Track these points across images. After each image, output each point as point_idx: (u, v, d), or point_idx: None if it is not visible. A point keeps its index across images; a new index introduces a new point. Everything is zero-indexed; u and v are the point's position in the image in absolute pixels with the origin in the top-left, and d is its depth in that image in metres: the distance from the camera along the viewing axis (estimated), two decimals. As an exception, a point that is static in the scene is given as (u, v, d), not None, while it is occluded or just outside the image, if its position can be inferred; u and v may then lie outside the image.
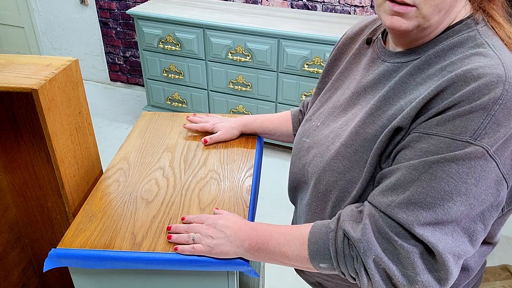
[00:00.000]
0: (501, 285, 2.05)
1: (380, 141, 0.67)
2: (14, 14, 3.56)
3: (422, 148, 0.60)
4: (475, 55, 0.62)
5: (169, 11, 2.56)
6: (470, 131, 0.57)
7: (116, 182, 0.98)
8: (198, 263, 0.79)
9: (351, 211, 0.67)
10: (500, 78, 0.58)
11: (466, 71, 0.60)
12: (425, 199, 0.59)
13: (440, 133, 0.59)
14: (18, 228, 1.21)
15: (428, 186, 0.59)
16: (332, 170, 0.72)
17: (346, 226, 0.65)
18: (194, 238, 0.79)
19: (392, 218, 0.61)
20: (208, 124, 1.12)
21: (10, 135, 1.07)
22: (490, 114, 0.57)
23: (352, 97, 0.76)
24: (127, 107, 3.33)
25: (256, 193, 0.98)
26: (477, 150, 0.57)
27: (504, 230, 2.28)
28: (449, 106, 0.59)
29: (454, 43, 0.65)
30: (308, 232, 0.70)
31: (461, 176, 0.58)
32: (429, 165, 0.59)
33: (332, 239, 0.66)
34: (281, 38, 2.31)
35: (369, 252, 0.61)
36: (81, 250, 0.80)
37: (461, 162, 0.57)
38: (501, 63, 0.60)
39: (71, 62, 0.92)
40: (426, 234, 0.59)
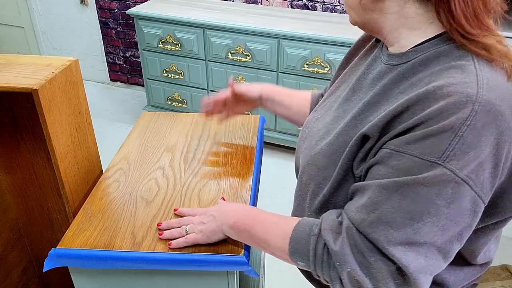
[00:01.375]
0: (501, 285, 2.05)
1: (350, 146, 0.68)
2: (14, 14, 3.56)
3: (393, 165, 0.60)
4: (453, 68, 0.60)
5: (169, 11, 2.56)
6: (438, 152, 0.56)
7: (116, 182, 0.98)
8: (198, 263, 0.79)
9: (332, 220, 0.67)
10: (470, 98, 0.55)
11: (437, 87, 0.58)
12: (395, 219, 0.59)
13: (410, 151, 0.58)
14: (18, 228, 1.21)
15: (398, 206, 0.59)
16: (314, 164, 0.74)
17: (327, 237, 0.65)
18: (188, 230, 0.81)
19: (365, 236, 0.61)
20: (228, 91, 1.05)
21: (10, 135, 1.07)
22: (458, 136, 0.55)
23: (349, 93, 0.77)
24: (127, 107, 3.33)
25: (256, 193, 0.99)
26: (445, 172, 0.56)
27: (504, 230, 2.27)
28: (418, 123, 0.58)
29: (441, 51, 0.63)
30: (292, 228, 0.71)
31: (430, 198, 0.57)
32: (399, 185, 0.59)
33: (313, 243, 0.67)
34: (281, 38, 2.31)
35: (344, 265, 0.62)
36: (81, 250, 0.80)
37: (430, 184, 0.57)
38: (477, 81, 0.57)
39: (71, 62, 0.92)
40: (397, 254, 0.59)
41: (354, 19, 0.70)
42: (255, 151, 1.09)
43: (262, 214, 0.78)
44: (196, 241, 0.80)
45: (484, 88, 0.56)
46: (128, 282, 0.86)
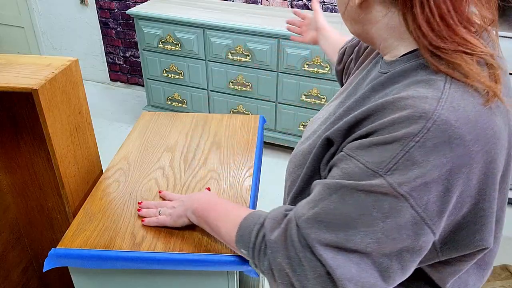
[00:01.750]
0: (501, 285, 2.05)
1: (316, 149, 0.67)
2: (14, 14, 3.56)
3: (342, 168, 0.59)
4: (423, 82, 0.57)
5: (169, 11, 2.56)
6: (382, 163, 0.54)
7: (116, 182, 0.98)
8: (198, 263, 0.79)
9: (278, 211, 0.68)
10: (425, 113, 0.52)
11: (397, 98, 0.56)
12: (330, 221, 0.58)
13: (358, 157, 0.57)
14: (18, 228, 1.21)
15: (335, 208, 0.58)
16: (293, 162, 0.75)
17: (267, 225, 0.66)
18: (160, 212, 0.87)
19: (300, 230, 0.60)
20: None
21: (10, 135, 1.07)
22: (404, 150, 0.53)
23: (345, 97, 0.76)
24: (127, 107, 3.33)
25: (256, 193, 0.98)
26: (383, 184, 0.54)
27: (504, 230, 2.27)
28: (372, 132, 0.57)
29: (420, 63, 0.59)
30: (243, 218, 0.71)
31: (367, 207, 0.55)
32: (340, 187, 0.58)
33: (255, 231, 0.67)
34: (281, 38, 2.31)
35: (276, 255, 0.62)
36: (81, 250, 0.80)
37: (369, 193, 0.55)
38: (439, 98, 0.54)
39: (71, 62, 0.92)
40: (326, 255, 0.57)
41: (350, 30, 0.70)
42: (255, 151, 1.09)
43: (222, 203, 0.81)
44: (164, 223, 0.86)
45: (445, 107, 0.53)
46: (128, 282, 0.86)
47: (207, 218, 0.79)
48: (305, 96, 2.42)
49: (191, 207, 0.82)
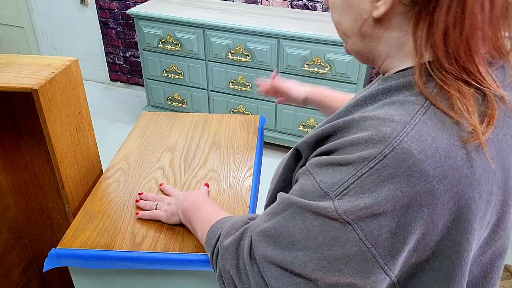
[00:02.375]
0: (501, 285, 2.05)
1: (287, 159, 0.64)
2: (14, 14, 3.56)
3: (300, 183, 0.56)
4: (397, 103, 0.51)
5: (169, 11, 2.56)
6: (334, 185, 0.50)
7: (116, 182, 0.98)
8: (198, 263, 0.79)
9: (241, 218, 0.66)
10: (384, 138, 0.47)
11: (362, 117, 0.52)
12: (279, 238, 0.54)
13: (315, 175, 0.53)
14: (18, 228, 1.21)
15: (285, 225, 0.54)
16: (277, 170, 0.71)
17: (223, 230, 0.65)
18: (157, 206, 0.89)
19: (251, 241, 0.58)
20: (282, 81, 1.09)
21: (10, 135, 1.07)
22: (357, 175, 0.48)
23: None
24: (127, 107, 3.33)
25: (256, 193, 0.98)
26: (330, 207, 0.49)
27: (504, 230, 2.28)
28: (332, 150, 0.53)
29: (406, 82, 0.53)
30: (216, 221, 0.72)
31: (313, 230, 0.51)
32: (292, 204, 0.54)
33: (217, 236, 0.67)
34: (281, 38, 2.31)
35: (225, 262, 0.61)
36: (81, 250, 0.80)
37: (316, 215, 0.51)
38: (408, 123, 0.48)
39: (71, 62, 0.92)
40: (270, 274, 0.55)
41: (350, 47, 0.62)
42: (255, 151, 1.09)
43: (206, 204, 0.80)
44: (158, 217, 0.87)
45: (410, 135, 0.47)
46: (128, 282, 0.86)
47: (190, 218, 0.80)
48: (305, 96, 2.42)
49: (181, 206, 0.83)
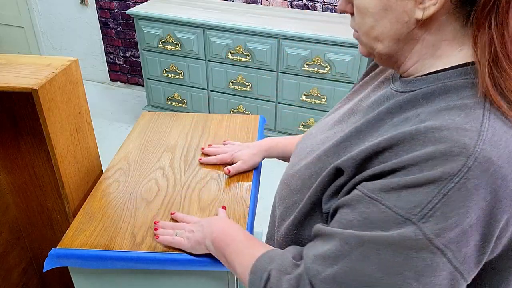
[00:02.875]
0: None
1: (322, 177, 0.60)
2: (14, 14, 3.56)
3: (361, 212, 0.51)
4: (457, 109, 0.49)
5: (169, 11, 2.56)
6: (414, 208, 0.46)
7: (116, 182, 0.98)
8: (198, 263, 0.79)
9: (284, 261, 0.60)
10: (465, 149, 0.45)
11: (429, 128, 0.48)
12: (350, 282, 0.49)
13: (383, 200, 0.49)
14: (18, 228, 1.21)
15: (356, 267, 0.49)
16: (288, 185, 0.68)
17: (273, 278, 0.58)
18: (177, 234, 0.82)
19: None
20: (227, 155, 1.04)
21: (10, 135, 1.07)
22: (442, 193, 0.45)
23: (346, 113, 0.69)
24: (127, 107, 3.33)
25: (256, 193, 0.98)
26: (417, 235, 0.46)
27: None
28: (398, 168, 0.49)
29: (451, 86, 0.52)
30: (256, 258, 0.64)
31: (396, 266, 0.47)
32: (362, 242, 0.49)
33: (264, 281, 0.60)
34: (281, 38, 2.31)
35: None
36: (81, 250, 0.80)
37: (398, 248, 0.47)
38: (480, 129, 0.46)
39: (71, 62, 0.92)
40: None
41: (381, 51, 0.58)
42: (255, 151, 1.09)
43: (240, 235, 0.73)
44: (180, 245, 0.81)
45: (487, 141, 0.45)
46: (128, 282, 0.86)
47: (224, 251, 0.72)
48: (305, 96, 2.42)
49: (210, 236, 0.76)
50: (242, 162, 1.01)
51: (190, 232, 0.81)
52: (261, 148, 1.03)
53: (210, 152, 1.07)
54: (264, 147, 1.03)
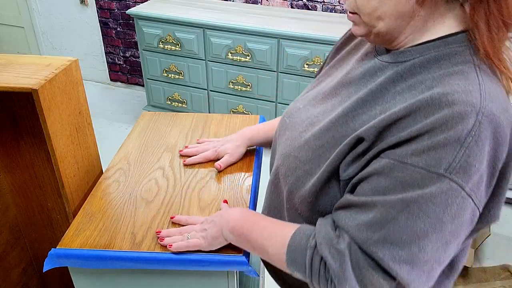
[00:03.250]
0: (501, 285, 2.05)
1: (342, 147, 0.65)
2: (14, 14, 3.56)
3: (397, 177, 0.58)
4: (456, 74, 0.59)
5: (169, 11, 2.56)
6: (444, 164, 0.55)
7: (116, 182, 0.98)
8: (198, 263, 0.79)
9: (327, 234, 0.64)
10: (474, 107, 0.54)
11: (441, 94, 0.56)
12: (401, 238, 0.57)
13: (415, 163, 0.56)
14: (18, 228, 1.21)
15: (404, 225, 0.57)
16: (295, 157, 0.72)
17: (324, 253, 0.62)
18: (189, 237, 0.80)
19: (369, 254, 0.59)
20: (210, 152, 1.04)
21: (10, 135, 1.07)
22: (464, 147, 0.54)
23: (336, 86, 0.75)
24: (127, 107, 3.33)
25: (256, 193, 0.98)
26: (452, 186, 0.55)
27: (504, 230, 2.28)
28: (422, 133, 0.56)
29: (442, 55, 0.61)
30: (290, 237, 0.68)
31: (437, 214, 0.56)
32: (406, 203, 0.56)
33: (309, 257, 0.64)
34: (281, 38, 2.31)
35: (344, 283, 0.60)
36: (81, 250, 0.80)
37: (438, 200, 0.55)
38: (479, 89, 0.56)
39: (71, 62, 0.92)
40: (402, 273, 0.57)
41: (380, 29, 0.64)
42: (255, 151, 1.09)
43: (260, 219, 0.76)
44: (198, 247, 0.79)
45: (487, 99, 0.55)
46: (128, 282, 0.86)
47: (250, 237, 0.74)
48: (305, 96, 2.42)
49: (226, 226, 0.77)
50: (229, 156, 1.02)
51: (203, 231, 0.80)
52: (243, 138, 1.04)
53: (191, 153, 1.06)
54: (247, 136, 1.04)
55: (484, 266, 2.07)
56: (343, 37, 0.87)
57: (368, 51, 0.73)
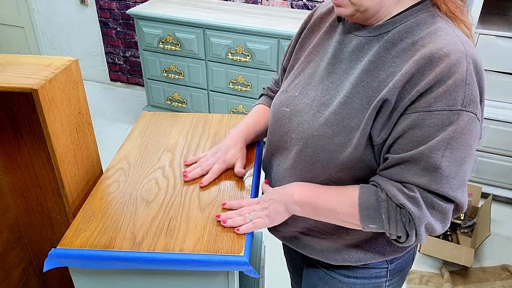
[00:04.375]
0: (501, 285, 2.05)
1: (370, 112, 0.75)
2: (14, 14, 3.56)
3: (429, 123, 0.71)
4: (438, 31, 0.74)
5: (169, 11, 2.56)
6: (459, 101, 0.70)
7: (116, 182, 0.98)
8: (198, 263, 0.79)
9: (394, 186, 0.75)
10: (463, 53, 0.70)
11: (435, 49, 0.71)
12: (452, 170, 0.71)
13: (439, 108, 0.70)
14: (18, 228, 1.21)
15: (450, 159, 0.71)
16: (320, 135, 0.81)
17: (401, 200, 0.74)
18: (252, 218, 0.85)
19: (434, 192, 0.73)
20: (220, 164, 0.99)
21: (10, 135, 1.07)
22: (467, 84, 0.69)
23: (328, 67, 0.85)
24: (127, 107, 3.33)
25: (256, 193, 0.98)
26: (470, 116, 0.70)
27: (504, 230, 2.28)
28: (434, 82, 0.70)
29: (418, 19, 0.76)
30: (358, 197, 0.78)
31: (468, 142, 0.71)
32: (446, 142, 0.70)
33: (385, 208, 0.76)
34: (281, 38, 2.31)
35: (423, 219, 0.73)
36: (81, 250, 0.80)
37: (465, 130, 0.70)
38: (459, 39, 0.72)
39: (71, 62, 0.92)
40: (459, 197, 0.73)
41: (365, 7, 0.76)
42: (255, 151, 1.09)
43: (319, 187, 0.84)
44: (263, 225, 0.86)
45: (465, 44, 0.72)
46: (128, 282, 0.86)
47: (317, 204, 0.82)
48: (305, 96, 2.42)
49: (291, 200, 0.84)
50: (241, 159, 1.01)
51: (264, 210, 0.86)
52: (241, 140, 1.04)
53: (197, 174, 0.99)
54: (244, 137, 1.04)
55: (484, 266, 2.07)
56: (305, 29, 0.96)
57: (346, 32, 0.84)
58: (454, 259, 1.98)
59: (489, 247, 2.18)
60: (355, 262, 0.91)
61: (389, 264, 0.94)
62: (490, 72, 2.21)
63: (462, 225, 2.23)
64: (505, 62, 2.16)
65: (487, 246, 2.18)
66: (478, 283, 1.99)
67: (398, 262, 0.95)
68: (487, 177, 2.39)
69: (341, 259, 0.92)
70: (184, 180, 0.98)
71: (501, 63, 2.17)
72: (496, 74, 2.21)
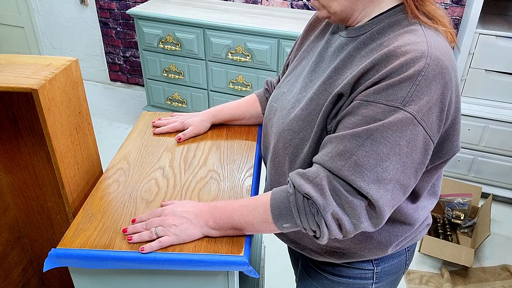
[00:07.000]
0: (501, 285, 2.05)
1: (325, 106, 0.77)
2: (14, 14, 3.56)
3: (362, 113, 0.70)
4: (406, 33, 0.73)
5: (169, 11, 2.56)
6: (400, 98, 0.67)
7: (116, 182, 0.98)
8: (198, 263, 0.79)
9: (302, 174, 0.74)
10: (423, 53, 0.68)
11: (395, 47, 0.70)
12: (368, 161, 0.69)
13: (377, 100, 0.69)
14: (18, 228, 1.21)
15: (370, 150, 0.69)
16: (289, 130, 0.83)
17: (306, 189, 0.72)
18: (158, 232, 0.80)
19: (343, 179, 0.71)
20: (177, 123, 1.14)
21: (10, 135, 1.07)
22: (415, 84, 0.67)
23: (312, 66, 0.87)
24: (127, 107, 3.33)
25: (256, 193, 0.98)
26: (406, 116, 0.67)
27: (503, 230, 2.28)
28: (383, 77, 0.69)
29: (393, 21, 0.76)
30: (269, 200, 0.78)
31: (395, 139, 0.68)
32: (370, 132, 0.68)
33: (293, 201, 0.74)
34: (281, 38, 2.31)
35: (327, 208, 0.71)
36: (81, 250, 0.80)
37: (395, 127, 0.67)
38: (426, 41, 0.70)
39: (71, 62, 0.92)
40: (371, 191, 0.69)
41: (335, 9, 0.77)
42: (255, 151, 1.09)
43: (229, 203, 0.83)
44: (170, 244, 0.80)
45: (433, 47, 0.70)
46: (128, 282, 0.87)
47: (232, 223, 0.80)
48: (305, 96, 2.42)
49: (206, 225, 0.81)
50: (193, 128, 1.12)
51: (172, 227, 0.80)
52: (208, 115, 1.15)
53: (162, 124, 1.16)
54: (211, 113, 1.15)
55: (484, 266, 2.07)
56: (309, 25, 0.99)
57: (334, 32, 0.86)
58: (454, 259, 1.99)
59: (489, 247, 2.18)
60: (335, 260, 0.92)
61: (375, 266, 0.94)
62: (490, 72, 2.21)
63: (462, 225, 2.23)
64: (505, 62, 2.17)
65: (487, 246, 2.18)
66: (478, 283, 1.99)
67: (386, 266, 0.95)
68: (487, 177, 2.39)
69: (322, 256, 0.93)
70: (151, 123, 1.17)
71: (501, 63, 2.17)
72: (496, 74, 2.22)
